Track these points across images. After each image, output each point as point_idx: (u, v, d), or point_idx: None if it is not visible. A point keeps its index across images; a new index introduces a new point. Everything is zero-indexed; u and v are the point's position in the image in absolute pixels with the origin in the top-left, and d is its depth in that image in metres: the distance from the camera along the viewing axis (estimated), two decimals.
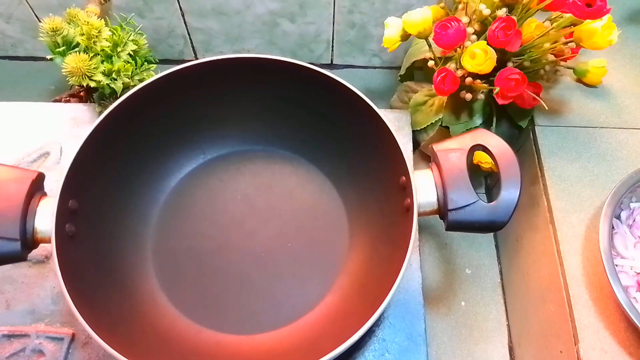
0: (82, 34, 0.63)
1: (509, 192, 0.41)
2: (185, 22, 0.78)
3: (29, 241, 0.41)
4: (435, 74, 0.57)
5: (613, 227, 0.52)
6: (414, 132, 0.65)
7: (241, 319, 0.50)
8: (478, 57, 0.53)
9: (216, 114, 0.56)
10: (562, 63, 0.57)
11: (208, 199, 0.57)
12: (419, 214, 0.42)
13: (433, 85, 0.57)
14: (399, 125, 0.64)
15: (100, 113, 0.60)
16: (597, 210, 0.54)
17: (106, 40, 0.64)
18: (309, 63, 0.49)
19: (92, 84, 0.63)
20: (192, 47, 0.83)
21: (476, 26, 0.56)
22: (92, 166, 0.47)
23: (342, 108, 0.51)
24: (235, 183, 0.58)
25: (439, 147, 0.43)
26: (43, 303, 0.53)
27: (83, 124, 0.65)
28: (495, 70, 0.54)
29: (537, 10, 0.54)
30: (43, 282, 0.54)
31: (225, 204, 0.57)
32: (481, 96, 0.59)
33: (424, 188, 0.43)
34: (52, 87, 0.85)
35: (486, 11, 0.54)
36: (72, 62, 0.62)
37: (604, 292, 0.49)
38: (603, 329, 0.48)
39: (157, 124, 0.53)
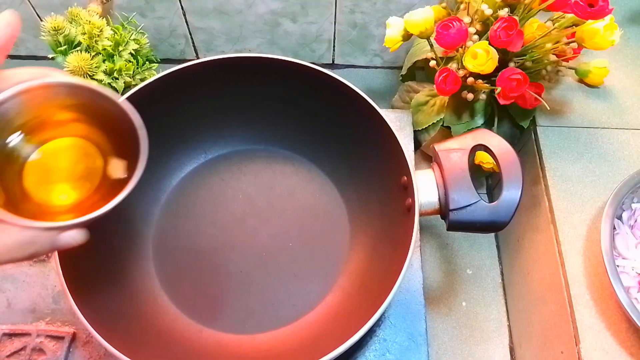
0: (84, 33, 0.64)
1: (511, 193, 0.41)
2: (186, 22, 0.78)
3: None
4: (437, 74, 0.57)
5: (614, 228, 0.52)
6: (415, 132, 0.65)
7: (242, 318, 0.50)
8: (480, 57, 0.53)
9: (217, 113, 0.56)
10: (564, 63, 0.57)
11: (209, 198, 0.57)
12: (421, 214, 0.42)
13: (434, 85, 0.57)
14: (400, 125, 0.64)
15: None
16: (599, 211, 0.54)
17: (108, 39, 0.64)
18: (311, 63, 0.49)
19: (94, 83, 0.63)
20: (194, 46, 0.83)
21: (478, 26, 0.56)
22: None
23: (343, 108, 0.51)
24: (237, 182, 0.58)
25: (440, 147, 0.43)
26: (44, 302, 0.53)
27: None
28: (497, 70, 0.54)
29: (539, 10, 0.54)
30: (44, 280, 0.54)
31: (226, 203, 0.57)
32: (483, 96, 0.59)
33: (425, 188, 0.43)
34: None
35: (488, 11, 0.54)
36: (74, 61, 0.62)
37: (605, 292, 0.49)
38: (604, 329, 0.48)
39: (158, 123, 0.53)
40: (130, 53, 0.67)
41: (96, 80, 0.63)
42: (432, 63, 0.60)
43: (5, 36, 0.27)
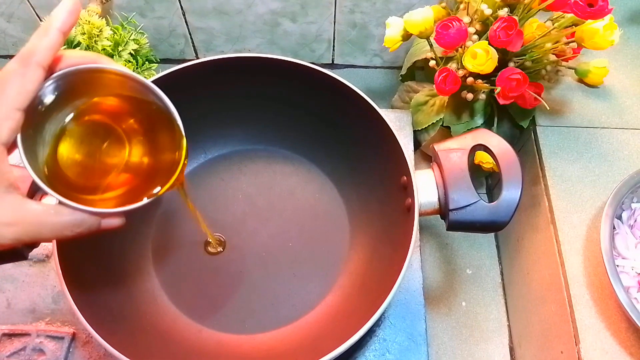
0: (84, 33, 0.64)
1: (510, 192, 0.41)
2: (186, 22, 0.78)
3: None
4: (437, 73, 0.57)
5: (614, 228, 0.52)
6: (415, 132, 0.65)
7: (242, 318, 0.50)
8: (479, 57, 0.53)
9: (217, 113, 0.56)
10: (564, 63, 0.57)
11: (209, 198, 0.57)
12: (420, 214, 0.42)
13: (434, 85, 0.57)
14: (400, 125, 0.64)
15: None
16: (598, 211, 0.54)
17: (107, 39, 0.64)
18: (310, 63, 0.49)
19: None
20: (193, 46, 0.83)
21: (477, 26, 0.56)
22: None
23: (343, 108, 0.51)
24: (237, 182, 0.58)
25: (440, 147, 0.43)
26: (44, 302, 0.53)
27: None
28: (497, 70, 0.54)
29: (539, 10, 0.54)
30: (44, 281, 0.54)
31: (226, 203, 0.57)
32: (482, 96, 0.59)
33: (425, 188, 0.43)
34: None
35: (488, 11, 0.54)
36: None
37: (605, 292, 0.49)
38: (604, 329, 0.48)
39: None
40: (130, 53, 0.67)
41: None
42: (432, 63, 0.60)
43: (68, 22, 0.29)
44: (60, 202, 0.29)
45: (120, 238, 0.51)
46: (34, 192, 0.42)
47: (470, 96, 0.58)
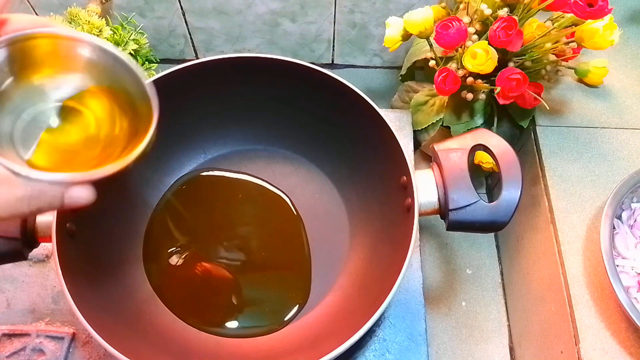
0: None
1: (510, 192, 0.41)
2: (186, 22, 0.78)
3: (30, 240, 0.41)
4: (437, 73, 0.57)
5: (614, 228, 0.52)
6: (415, 132, 0.65)
7: None
8: (479, 57, 0.53)
9: (217, 113, 0.56)
10: (564, 63, 0.57)
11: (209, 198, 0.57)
12: (420, 214, 0.42)
13: (434, 85, 0.57)
14: (399, 125, 0.64)
15: None
16: (598, 211, 0.54)
17: (107, 39, 0.64)
18: (310, 63, 0.49)
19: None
20: (193, 46, 0.83)
21: (477, 26, 0.56)
22: None
23: (343, 108, 0.51)
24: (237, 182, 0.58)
25: (439, 147, 0.43)
26: (43, 302, 0.53)
27: None
28: (497, 70, 0.54)
29: (539, 10, 0.54)
30: (44, 281, 0.54)
31: (225, 203, 0.57)
32: (482, 96, 0.59)
33: (424, 188, 0.43)
34: None
35: (487, 11, 0.54)
36: None
37: (605, 292, 0.49)
38: (604, 329, 0.48)
39: (157, 123, 0.53)
40: (130, 53, 0.67)
41: None
42: (432, 63, 0.60)
43: None
44: (4, 166, 0.24)
45: (120, 238, 0.51)
46: None
47: (470, 96, 0.58)
